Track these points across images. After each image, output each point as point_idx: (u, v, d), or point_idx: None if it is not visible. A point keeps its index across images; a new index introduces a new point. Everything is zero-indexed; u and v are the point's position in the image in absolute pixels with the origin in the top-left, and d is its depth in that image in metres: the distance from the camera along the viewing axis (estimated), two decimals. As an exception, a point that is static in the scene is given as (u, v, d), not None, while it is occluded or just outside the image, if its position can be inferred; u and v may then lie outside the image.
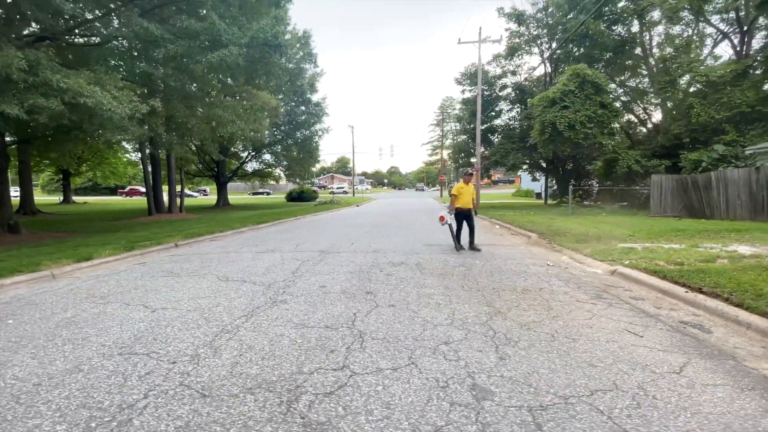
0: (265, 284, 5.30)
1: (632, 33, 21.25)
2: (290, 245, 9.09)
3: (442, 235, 10.77)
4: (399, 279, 5.62)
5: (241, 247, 8.94)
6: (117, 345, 3.25)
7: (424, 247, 8.59)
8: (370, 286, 5.18)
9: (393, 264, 6.72)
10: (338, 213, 22.45)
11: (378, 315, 4.01)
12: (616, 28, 20.72)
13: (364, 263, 6.79)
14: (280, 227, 14.07)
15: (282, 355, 3.02)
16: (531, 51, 23.19)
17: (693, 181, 15.22)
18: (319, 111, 32.03)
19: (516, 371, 2.83)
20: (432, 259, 7.16)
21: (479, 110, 21.67)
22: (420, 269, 6.31)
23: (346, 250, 8.20)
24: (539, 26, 22.25)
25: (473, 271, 6.21)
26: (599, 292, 5.09)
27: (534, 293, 4.97)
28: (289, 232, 12.25)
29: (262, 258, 7.41)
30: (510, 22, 22.11)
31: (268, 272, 6.06)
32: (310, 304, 4.37)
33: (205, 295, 4.77)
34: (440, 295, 4.81)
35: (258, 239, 10.46)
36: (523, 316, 4.04)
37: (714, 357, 3.13)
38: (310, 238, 10.45)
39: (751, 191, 12.82)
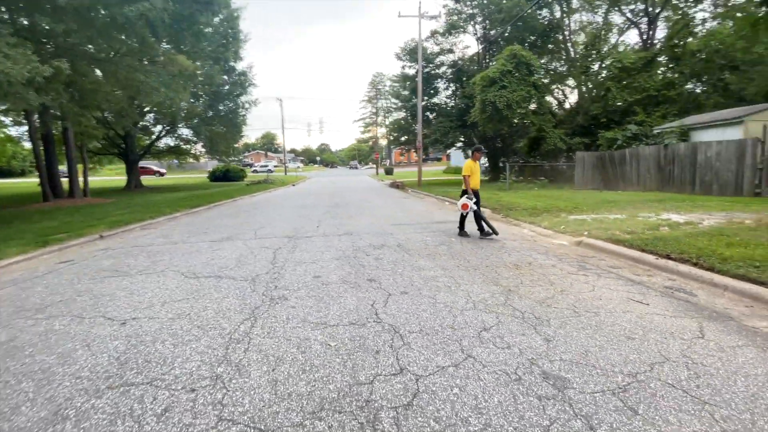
0: (247, 279, 4.64)
1: (556, 18, 22.76)
2: (247, 232, 8.21)
3: (404, 215, 10.67)
4: (391, 263, 5.35)
5: (187, 237, 7.83)
6: (98, 374, 2.51)
7: (394, 228, 8.37)
8: (368, 273, 4.83)
9: (374, 247, 6.40)
10: (278, 193, 21.13)
11: (397, 304, 3.72)
12: (542, 13, 21.94)
13: (344, 248, 6.37)
14: (220, 211, 12.72)
15: (324, 364, 2.59)
16: (466, 30, 23.61)
17: (610, 157, 17.14)
18: (245, 81, 29.35)
19: (570, 353, 2.78)
20: (410, 240, 6.98)
21: (420, 87, 21.66)
22: (405, 251, 6.09)
23: (315, 235, 7.64)
24: (474, 5, 22.64)
25: (456, 249, 6.18)
26: (581, 264, 5.37)
27: (526, 268, 5.08)
28: (235, 216, 11.12)
29: (222, 248, 6.54)
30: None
31: (241, 265, 5.34)
32: (316, 298, 3.91)
33: (180, 298, 4.00)
34: (444, 277, 4.66)
35: (203, 226, 9.29)
36: (535, 293, 4.07)
37: (716, 319, 3.44)
38: (265, 222, 9.57)
39: (660, 165, 14.83)
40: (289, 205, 13.95)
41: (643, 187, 15.58)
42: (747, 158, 11.81)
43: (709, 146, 12.92)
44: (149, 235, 8.09)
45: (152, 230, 8.84)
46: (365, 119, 77.80)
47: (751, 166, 11.75)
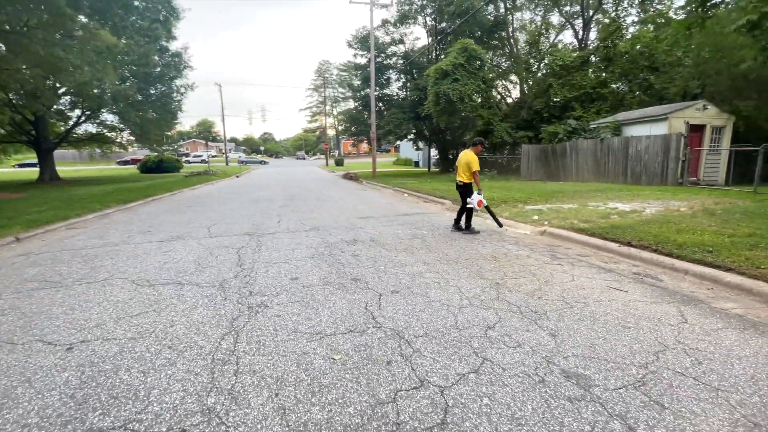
0: (214, 285, 4.11)
1: (501, 15, 23.58)
2: (199, 230, 7.43)
3: (368, 208, 10.41)
4: (370, 259, 5.09)
5: (128, 236, 6.88)
6: (52, 421, 1.98)
7: (362, 221, 8.09)
8: (350, 271, 4.53)
9: (348, 242, 6.09)
10: (222, 186, 19.70)
11: (391, 305, 3.49)
12: (489, 9, 22.59)
13: (315, 245, 5.98)
14: (160, 206, 11.49)
15: (334, 382, 2.30)
16: (417, 21, 23.61)
17: (552, 150, 18.26)
18: (179, 63, 26.85)
19: (578, 347, 2.77)
20: (382, 234, 6.76)
21: (373, 77, 21.31)
22: (381, 246, 5.87)
23: (279, 231, 7.11)
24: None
25: (431, 242, 6.08)
26: (552, 253, 5.54)
27: (504, 259, 5.11)
28: (180, 212, 10.08)
29: (174, 249, 5.82)
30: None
31: (202, 268, 4.75)
32: (302, 303, 3.54)
33: (137, 312, 3.41)
34: (429, 272, 4.51)
35: (144, 223, 8.27)
36: (522, 286, 4.08)
37: (689, 303, 3.67)
38: (217, 218, 8.77)
39: (596, 158, 16.07)
40: (240, 198, 13.01)
41: (582, 178, 16.82)
42: (671, 151, 13.18)
43: (639, 140, 14.23)
44: (80, 236, 6.99)
45: (82, 230, 7.67)
46: (312, 108, 75.56)
47: (674, 159, 13.14)
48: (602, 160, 15.77)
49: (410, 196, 13.61)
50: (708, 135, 14.39)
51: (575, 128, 17.42)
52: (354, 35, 23.48)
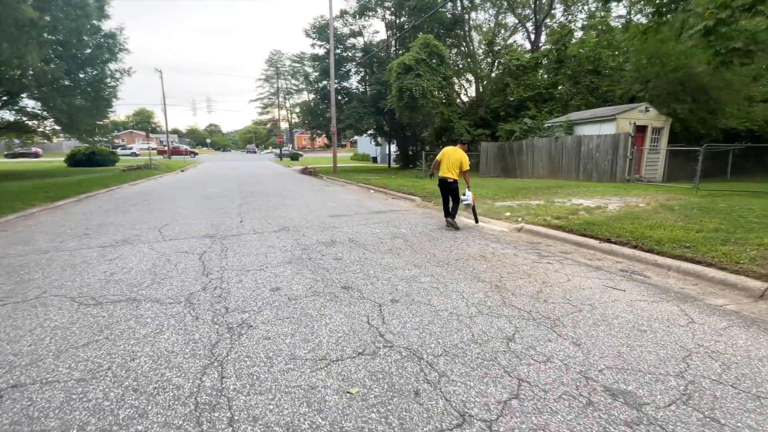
0: (179, 301, 3.47)
1: (458, 13, 23.85)
2: (148, 232, 6.52)
3: (336, 206, 9.90)
4: (356, 263, 4.67)
5: (60, 241, 5.84)
6: None
7: (334, 220, 7.60)
8: (337, 278, 4.08)
9: (325, 244, 5.61)
10: (167, 181, 18.02)
11: (396, 318, 3.12)
12: (448, 6, 22.74)
13: (289, 247, 5.42)
14: (97, 204, 10.12)
15: (359, 426, 1.88)
16: (377, 14, 23.16)
17: (509, 148, 18.80)
18: (113, 45, 24.16)
19: (608, 357, 2.59)
20: (360, 234, 6.35)
21: (332, 68, 20.58)
22: (362, 247, 5.45)
23: (244, 232, 6.42)
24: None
25: (413, 242, 5.78)
26: (536, 251, 5.47)
27: (493, 259, 4.94)
28: (122, 211, 8.90)
29: (122, 256, 4.98)
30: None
31: (161, 280, 4.04)
32: (292, 321, 3.05)
33: (83, 341, 2.72)
34: (423, 276, 4.20)
35: (79, 225, 7.13)
36: (523, 288, 3.89)
37: (685, 300, 3.69)
38: (168, 218, 7.81)
39: (551, 156, 16.76)
40: (191, 195, 11.86)
41: (537, 174, 17.49)
42: (620, 150, 14.04)
43: (591, 139, 15.02)
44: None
45: (1, 233, 6.43)
46: (263, 99, 72.34)
47: (623, 157, 14.01)
48: (557, 157, 16.48)
49: (377, 193, 13.26)
50: (649, 135, 15.56)
51: (531, 127, 18.05)
52: (312, 24, 22.52)
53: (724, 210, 7.15)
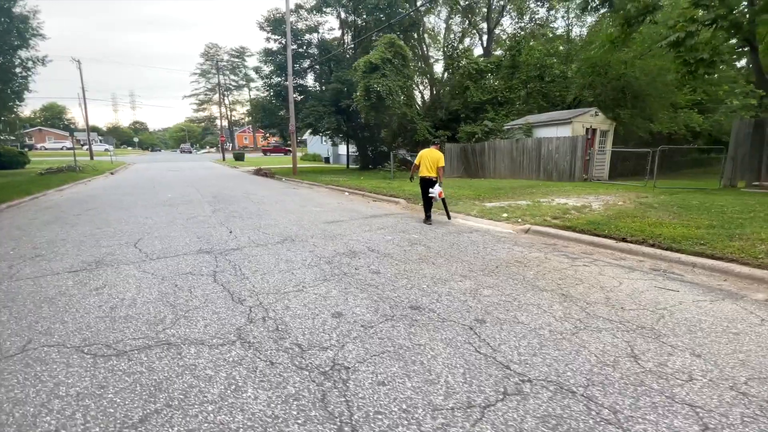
0: (230, 339, 2.78)
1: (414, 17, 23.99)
2: (122, 249, 5.45)
3: (323, 210, 9.26)
4: (398, 276, 4.23)
5: (10, 266, 4.62)
6: None
7: (334, 227, 7.01)
8: (395, 296, 3.62)
9: (347, 255, 5.07)
10: (102, 185, 15.76)
11: (503, 343, 2.77)
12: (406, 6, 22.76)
13: (311, 261, 4.81)
14: (26, 216, 8.41)
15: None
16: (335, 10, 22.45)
17: (472, 149, 19.30)
18: (25, 29, 20.68)
19: (739, 368, 2.49)
20: (373, 241, 5.88)
21: (290, 64, 19.52)
22: (389, 257, 5.02)
23: (244, 245, 5.62)
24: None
25: (437, 248, 5.47)
26: (562, 253, 5.44)
27: (531, 264, 4.81)
28: (65, 223, 7.44)
29: (108, 283, 4.02)
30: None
31: (185, 312, 3.26)
32: (392, 356, 2.56)
33: (138, 415, 2.00)
34: (483, 288, 3.89)
35: (21, 244, 5.77)
36: (589, 295, 3.77)
37: (737, 298, 3.82)
38: (136, 231, 6.66)
39: (512, 157, 17.46)
40: (144, 202, 10.37)
41: (499, 175, 18.16)
42: (578, 151, 15.01)
43: (551, 141, 15.89)
44: None
45: None
46: (199, 95, 67.18)
47: (580, 158, 15.00)
48: (518, 158, 17.22)
49: (354, 195, 12.73)
50: (598, 137, 16.88)
51: (491, 129, 18.66)
52: (266, 17, 21.12)
53: (700, 206, 7.80)
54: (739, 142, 10.76)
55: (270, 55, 22.17)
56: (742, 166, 10.82)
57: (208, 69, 65.33)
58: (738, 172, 10.92)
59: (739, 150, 10.80)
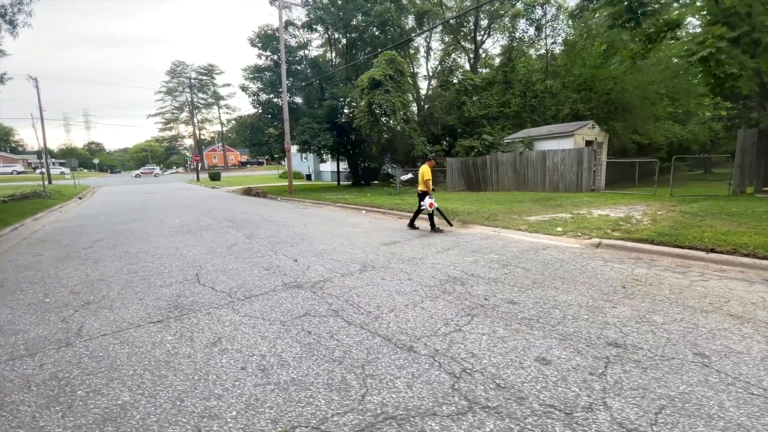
0: (462, 411, 2.24)
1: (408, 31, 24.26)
2: (188, 287, 4.66)
3: (360, 232, 8.68)
4: (537, 304, 3.81)
5: (61, 319, 3.76)
6: None
7: (395, 248, 6.49)
8: (578, 333, 3.18)
9: (453, 283, 4.58)
10: (82, 212, 14.27)
11: (741, 402, 2.42)
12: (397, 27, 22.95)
13: (425, 292, 4.27)
14: (23, 253, 7.27)
15: None
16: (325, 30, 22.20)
17: (473, 163, 19.39)
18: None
19: None
20: (462, 265, 5.43)
21: (284, 80, 18.93)
22: (499, 282, 4.58)
23: (331, 277, 4.98)
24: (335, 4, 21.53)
25: (530, 268, 5.11)
26: (670, 270, 5.22)
27: (656, 283, 4.51)
28: (86, 260, 6.44)
29: (220, 335, 3.30)
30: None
31: (360, 379, 2.64)
32: (688, 414, 2.13)
33: None
34: (650, 314, 3.55)
35: (50, 290, 4.82)
36: (759, 315, 3.52)
37: None
38: (180, 265, 5.82)
39: (516, 169, 17.66)
40: (153, 230, 9.33)
41: (502, 188, 18.29)
42: (584, 163, 15.38)
43: (556, 154, 16.21)
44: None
45: None
46: (165, 114, 64.30)
47: (587, 169, 15.37)
48: (522, 171, 17.43)
49: (374, 213, 12.22)
50: (595, 149, 17.44)
51: (492, 143, 18.87)
52: (257, 33, 20.44)
53: (743, 213, 7.97)
54: (745, 150, 11.35)
55: (259, 71, 21.47)
56: (749, 173, 11.39)
57: (174, 87, 62.89)
58: (746, 179, 11.49)
59: (745, 158, 11.39)
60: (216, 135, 76.74)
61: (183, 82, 61.37)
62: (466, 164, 19.63)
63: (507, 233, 7.96)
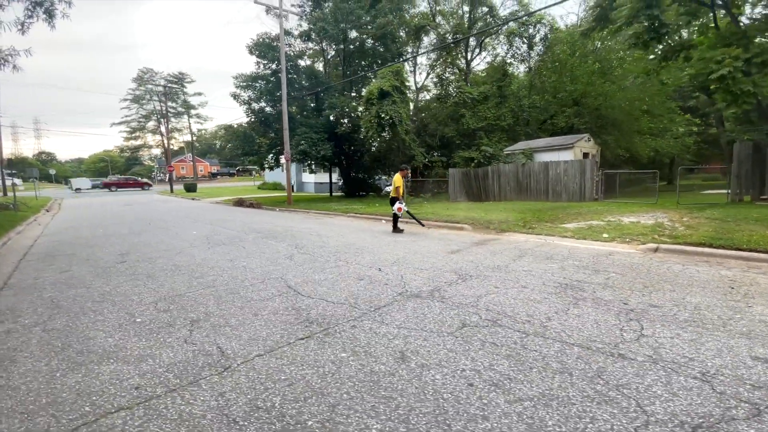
0: None
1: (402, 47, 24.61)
2: (297, 300, 4.26)
3: (414, 242, 8.44)
4: (685, 311, 3.79)
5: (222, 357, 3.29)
6: None
7: (466, 256, 6.34)
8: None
9: (565, 287, 4.49)
10: (63, 225, 13.01)
11: None
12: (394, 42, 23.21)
13: (561, 306, 4.15)
14: (48, 268, 6.45)
15: None
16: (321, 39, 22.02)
17: (475, 174, 19.72)
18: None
19: None
20: (551, 270, 5.37)
21: (284, 86, 18.47)
22: (614, 289, 4.55)
23: (441, 285, 4.74)
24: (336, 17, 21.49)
25: (628, 273, 5.14)
26: (745, 270, 5.43)
27: (761, 287, 4.67)
28: (129, 277, 5.78)
29: (408, 349, 2.99)
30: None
31: (594, 397, 2.47)
32: None
33: None
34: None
35: (176, 318, 4.25)
36: None
37: None
38: (255, 277, 5.35)
39: (518, 180, 18.12)
40: (178, 243, 8.62)
41: (504, 198, 18.68)
42: (587, 173, 16.04)
43: (558, 165, 16.81)
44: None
45: None
46: (130, 122, 60.90)
47: (590, 179, 16.03)
48: (524, 181, 17.91)
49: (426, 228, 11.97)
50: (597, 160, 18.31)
51: (493, 154, 19.31)
52: (255, 41, 19.87)
53: (766, 218, 8.52)
54: (741, 161, 12.28)
55: (254, 79, 20.86)
56: (746, 182, 12.31)
57: (142, 95, 59.87)
58: (743, 188, 12.40)
59: (742, 168, 12.31)
60: (185, 145, 73.61)
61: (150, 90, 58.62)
62: (467, 175, 19.92)
63: (555, 240, 8.03)
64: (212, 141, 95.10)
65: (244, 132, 22.20)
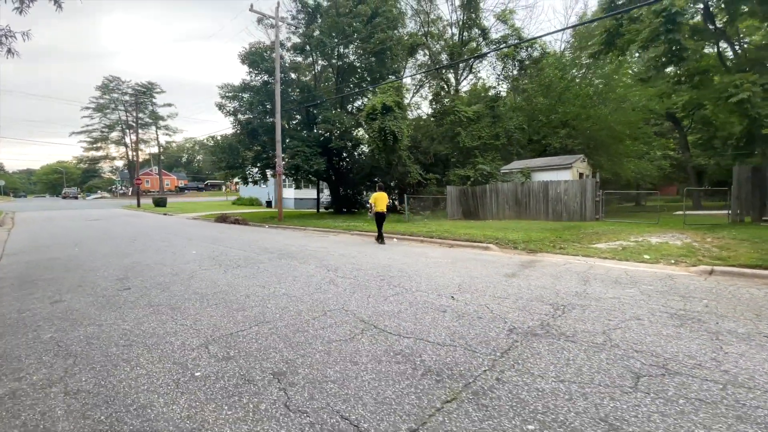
0: None
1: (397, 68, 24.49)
2: (385, 339, 3.46)
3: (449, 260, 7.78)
4: None
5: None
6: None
7: (523, 282, 5.77)
8: None
9: (676, 318, 3.98)
10: (34, 242, 11.36)
11: None
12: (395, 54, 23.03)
13: (690, 335, 3.60)
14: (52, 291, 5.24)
15: None
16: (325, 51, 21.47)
17: (472, 192, 19.50)
18: None
19: None
20: (640, 298, 4.89)
21: (278, 99, 17.63)
22: (709, 315, 4.10)
23: (556, 315, 4.07)
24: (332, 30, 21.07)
25: (705, 297, 4.75)
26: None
27: None
28: (149, 309, 4.74)
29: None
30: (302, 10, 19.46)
31: None
32: None
33: None
34: None
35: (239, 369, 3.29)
36: None
37: None
38: (313, 309, 4.49)
39: (517, 198, 18.03)
40: (182, 261, 7.50)
41: (503, 216, 18.52)
42: (587, 193, 16.16)
43: (558, 184, 16.87)
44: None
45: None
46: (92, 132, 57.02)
47: (590, 199, 16.15)
48: (523, 200, 17.84)
49: (405, 240, 11.33)
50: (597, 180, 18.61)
51: (490, 172, 19.23)
52: (248, 50, 18.95)
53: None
54: (741, 183, 12.70)
55: (243, 90, 19.85)
56: (746, 204, 12.71)
57: (106, 103, 56.47)
58: (744, 209, 12.79)
59: (741, 191, 12.73)
60: (151, 157, 69.85)
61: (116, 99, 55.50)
62: (464, 193, 19.68)
63: (597, 261, 7.66)
64: (179, 154, 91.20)
65: (229, 144, 20.93)
